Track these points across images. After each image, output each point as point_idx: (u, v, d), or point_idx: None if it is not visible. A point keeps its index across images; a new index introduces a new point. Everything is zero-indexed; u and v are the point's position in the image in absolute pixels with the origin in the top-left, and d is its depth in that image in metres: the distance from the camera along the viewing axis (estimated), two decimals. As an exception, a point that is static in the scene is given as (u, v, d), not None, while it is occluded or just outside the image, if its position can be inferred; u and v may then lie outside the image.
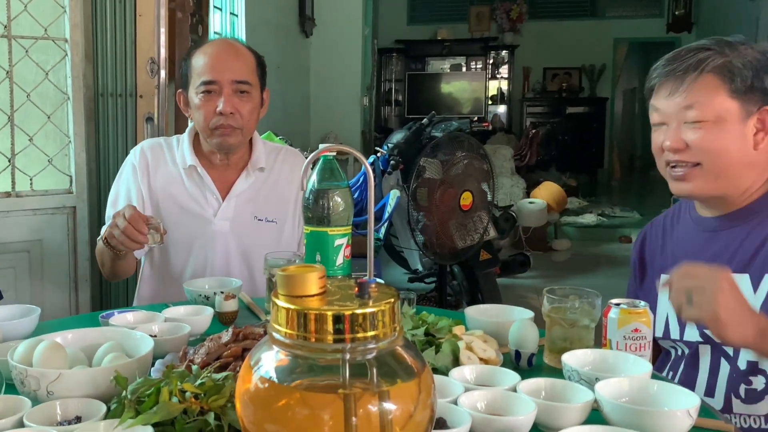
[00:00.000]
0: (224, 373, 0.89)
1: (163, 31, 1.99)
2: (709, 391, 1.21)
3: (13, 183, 1.93)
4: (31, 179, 1.97)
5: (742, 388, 1.17)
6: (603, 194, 9.06)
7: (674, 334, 1.28)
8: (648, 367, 0.96)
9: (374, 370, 0.67)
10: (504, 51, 10.15)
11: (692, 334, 1.24)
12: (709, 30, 9.39)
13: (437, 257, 3.53)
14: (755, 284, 1.16)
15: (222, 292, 1.39)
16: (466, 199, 3.56)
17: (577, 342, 1.06)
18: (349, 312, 0.66)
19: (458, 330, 1.10)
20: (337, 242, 1.24)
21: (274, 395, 0.68)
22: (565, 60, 10.20)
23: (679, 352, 1.30)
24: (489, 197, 3.51)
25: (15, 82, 1.89)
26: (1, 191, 1.90)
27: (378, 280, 0.75)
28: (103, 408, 0.85)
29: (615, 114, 10.96)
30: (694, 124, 1.18)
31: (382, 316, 0.67)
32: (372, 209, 0.76)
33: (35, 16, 1.90)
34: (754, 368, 1.16)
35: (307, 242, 1.26)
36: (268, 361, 0.69)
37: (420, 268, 4.45)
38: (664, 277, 1.31)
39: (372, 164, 4.46)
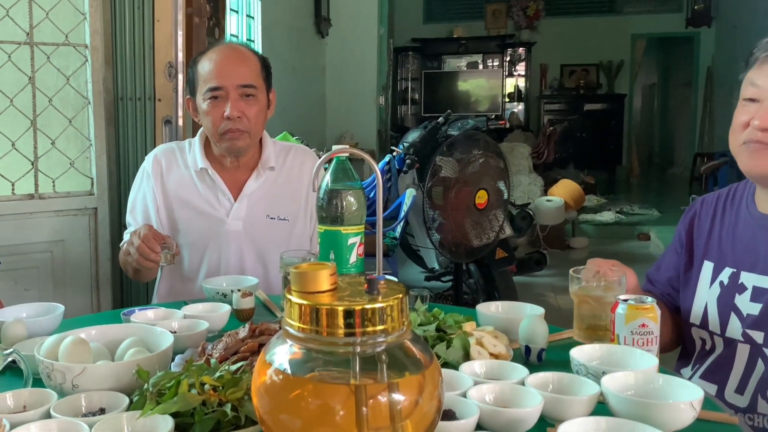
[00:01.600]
0: (238, 364, 0.92)
1: (180, 35, 2.04)
2: (740, 389, 1.21)
3: (36, 185, 1.99)
4: (53, 181, 2.02)
5: None
6: (621, 191, 9.01)
7: (713, 326, 1.26)
8: (654, 361, 0.98)
9: (384, 363, 0.70)
10: (521, 48, 10.11)
11: (735, 332, 1.23)
12: (729, 24, 9.29)
13: (453, 256, 3.54)
14: None
15: (239, 290, 1.42)
16: (482, 197, 3.56)
17: (602, 317, 1.10)
18: (359, 307, 0.69)
19: (469, 326, 1.13)
20: (351, 241, 1.27)
21: (288, 387, 0.72)
22: (583, 56, 10.14)
23: (708, 346, 1.29)
24: (505, 196, 3.52)
25: (37, 87, 1.95)
26: (25, 193, 1.96)
27: (387, 276, 0.78)
28: (126, 400, 0.88)
29: (633, 110, 10.89)
30: None
31: (390, 311, 0.70)
32: (381, 209, 0.78)
33: (56, 23, 1.95)
34: None
35: (321, 241, 1.29)
36: (282, 355, 0.72)
37: (437, 266, 4.47)
38: (707, 263, 1.30)
39: (388, 163, 4.48)
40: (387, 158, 4.50)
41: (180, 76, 2.09)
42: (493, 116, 9.70)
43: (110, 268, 2.10)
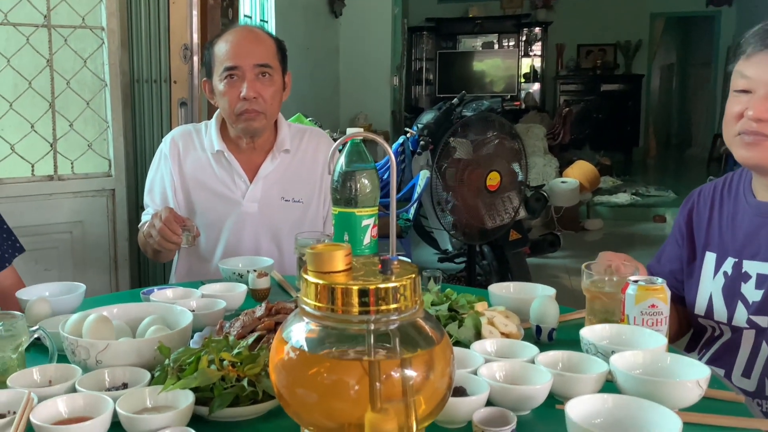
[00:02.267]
0: (255, 336, 0.95)
1: (195, 17, 2.05)
2: (746, 373, 1.23)
3: (56, 167, 2.02)
4: (72, 163, 2.06)
5: None
6: (638, 173, 8.95)
7: (719, 316, 1.28)
8: (663, 340, 0.99)
9: (396, 340, 0.72)
10: (537, 28, 10.02)
11: (741, 319, 1.24)
12: (751, 3, 9.14)
13: (466, 237, 3.56)
14: None
15: (255, 271, 1.45)
16: (493, 179, 3.54)
17: (615, 313, 1.11)
18: (374, 286, 0.71)
19: (480, 306, 1.15)
20: (365, 222, 1.29)
21: (305, 363, 0.74)
22: (600, 36, 10.04)
23: (717, 332, 1.30)
24: (520, 177, 3.51)
25: (55, 70, 1.97)
26: (44, 174, 2.00)
27: (401, 257, 0.80)
28: (148, 375, 0.91)
29: (651, 91, 10.77)
30: None
31: (404, 290, 0.72)
32: (394, 191, 0.80)
33: (73, 5, 1.97)
34: None
35: (336, 223, 1.31)
36: (299, 332, 0.75)
37: (450, 248, 4.48)
38: (709, 254, 1.31)
39: (402, 144, 4.49)
40: (401, 140, 4.50)
41: (195, 58, 2.11)
42: (509, 97, 9.65)
43: (128, 248, 2.14)
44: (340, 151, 1.34)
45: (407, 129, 4.37)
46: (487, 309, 1.15)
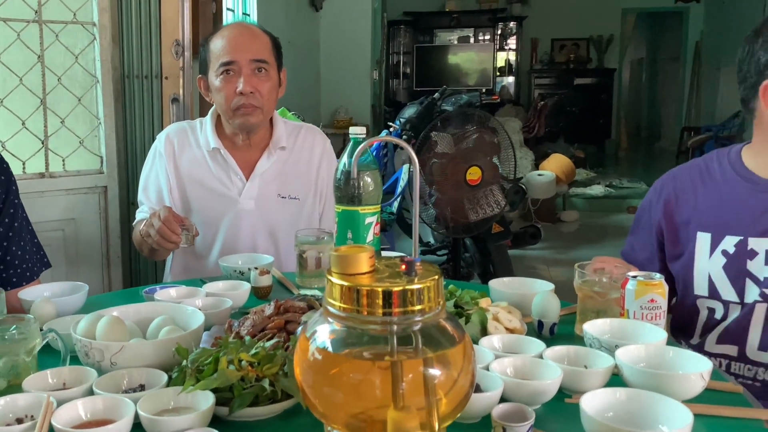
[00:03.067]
0: (273, 341, 0.96)
1: (187, 13, 2.04)
2: (762, 346, 1.27)
3: (47, 164, 2.00)
4: (63, 160, 2.04)
5: None
6: (610, 165, 9.10)
7: (727, 295, 1.31)
8: (663, 334, 1.03)
9: (420, 340, 0.74)
10: (512, 22, 10.10)
11: (752, 295, 1.28)
12: (718, 0, 9.31)
13: (448, 231, 3.59)
14: None
15: (256, 268, 1.46)
16: (474, 174, 3.57)
17: (607, 312, 1.14)
18: (399, 288, 0.73)
19: (484, 302, 1.17)
20: (368, 220, 1.31)
21: (330, 363, 0.76)
22: (573, 31, 10.15)
23: (719, 315, 1.33)
24: (502, 171, 3.55)
25: (46, 66, 1.95)
26: (36, 172, 1.98)
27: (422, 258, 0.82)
28: (164, 377, 0.92)
29: (622, 85, 10.93)
30: None
31: (427, 291, 0.74)
32: (417, 198, 0.82)
33: (64, 1, 1.95)
34: None
35: (339, 220, 1.33)
36: (323, 333, 0.77)
37: (432, 240, 4.52)
38: (701, 234, 1.33)
39: (384, 139, 4.50)
40: (383, 134, 4.53)
41: (186, 54, 2.10)
42: (484, 90, 9.71)
43: (120, 245, 2.13)
44: (342, 149, 1.36)
45: (390, 123, 4.39)
46: (491, 305, 1.18)
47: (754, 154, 1.34)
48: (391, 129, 4.43)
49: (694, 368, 0.90)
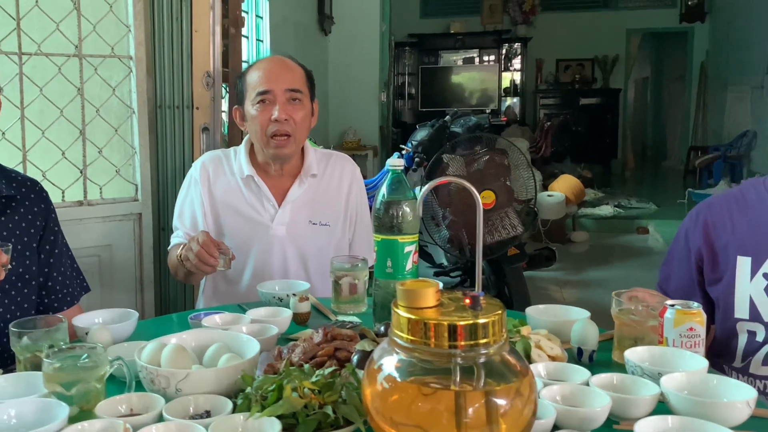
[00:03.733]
0: (331, 368, 1.00)
1: (218, 46, 2.11)
2: None
3: (85, 192, 2.06)
4: (100, 188, 2.09)
5: None
6: (617, 185, 9.13)
7: None
8: (704, 362, 1.07)
9: (482, 373, 0.79)
10: (517, 43, 10.21)
11: None
12: (723, 19, 9.41)
13: (462, 254, 3.63)
14: None
15: (295, 294, 1.51)
16: (487, 197, 3.59)
17: (644, 340, 1.18)
18: (465, 322, 0.77)
19: (525, 330, 1.21)
20: (407, 249, 1.36)
21: (397, 391, 0.80)
22: (578, 51, 10.25)
23: (761, 337, 1.36)
24: (516, 194, 3.59)
25: (85, 98, 2.01)
26: (74, 200, 2.03)
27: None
28: (229, 403, 0.96)
29: (628, 104, 11.01)
30: None
31: (492, 326, 0.78)
32: (480, 226, 0.86)
33: (102, 35, 2.02)
34: None
35: (378, 249, 1.37)
36: (391, 363, 0.81)
37: (445, 262, 4.56)
38: (742, 258, 1.37)
39: (396, 161, 4.56)
40: (395, 156, 4.59)
41: (216, 85, 2.16)
42: (489, 111, 9.81)
43: (153, 270, 2.18)
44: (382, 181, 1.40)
45: (402, 146, 4.45)
46: (532, 332, 1.22)
47: None
48: (404, 152, 4.50)
49: (740, 396, 0.94)
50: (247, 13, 4.35)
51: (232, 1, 2.35)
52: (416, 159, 4.36)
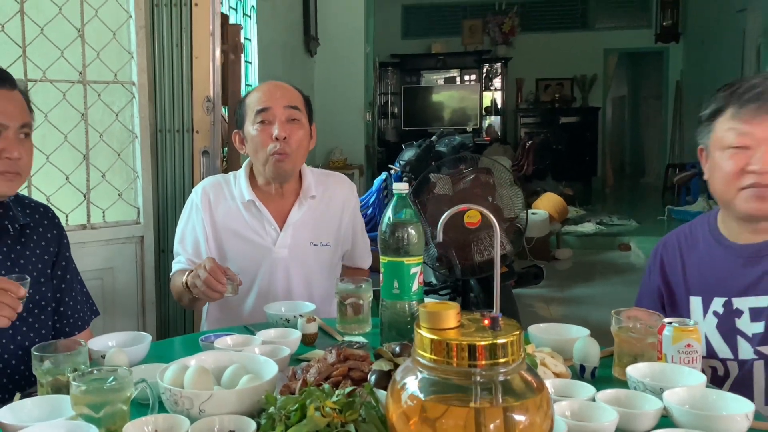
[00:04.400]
0: (349, 388, 1.04)
1: (217, 71, 2.16)
2: None
3: (89, 216, 2.08)
4: (103, 212, 2.12)
5: None
6: (598, 202, 9.27)
7: (723, 353, 1.40)
8: (703, 378, 1.12)
9: (501, 390, 0.83)
10: (497, 63, 10.37)
11: (746, 352, 1.38)
12: (697, 40, 9.67)
13: (451, 272, 3.67)
14: None
15: (302, 316, 1.54)
16: (473, 217, 3.62)
17: (643, 356, 1.23)
18: (485, 342, 0.82)
19: (530, 348, 1.26)
20: (413, 270, 1.40)
21: (421, 409, 0.84)
22: (557, 71, 10.44)
23: (722, 371, 1.42)
24: (504, 212, 3.65)
25: (89, 123, 2.05)
26: (78, 224, 2.06)
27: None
28: (252, 423, 0.99)
29: (606, 122, 11.21)
30: None
31: (510, 345, 0.83)
32: (498, 254, 0.91)
33: (106, 62, 2.05)
34: None
35: (384, 271, 1.41)
36: (414, 382, 0.85)
37: (434, 280, 4.61)
38: (693, 298, 1.44)
39: (384, 180, 4.63)
40: (383, 176, 4.65)
41: (216, 110, 2.21)
42: (471, 129, 9.94)
43: (154, 292, 2.20)
44: (387, 203, 1.45)
45: (390, 166, 4.52)
46: (536, 350, 1.27)
47: (722, 218, 1.45)
48: (392, 171, 4.56)
49: (739, 409, 0.99)
50: (236, 35, 4.40)
51: (231, 28, 2.40)
52: (404, 178, 4.42)
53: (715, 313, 1.41)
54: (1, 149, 1.29)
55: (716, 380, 1.43)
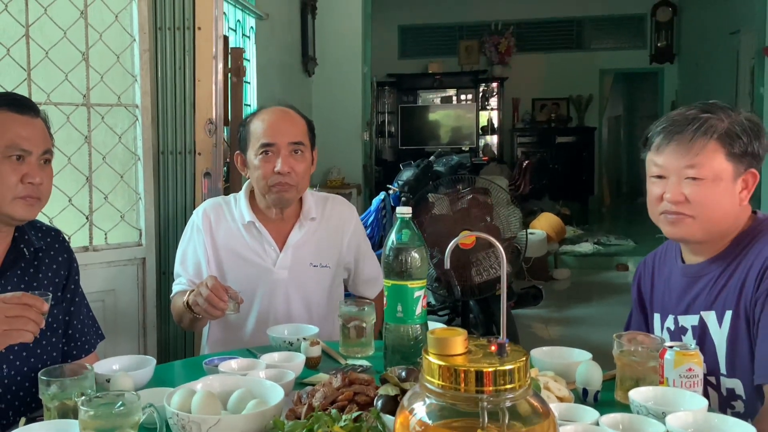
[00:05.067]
0: (356, 413, 1.05)
1: (219, 94, 2.18)
2: None
3: (91, 238, 2.09)
4: (105, 234, 2.13)
5: (729, 412, 1.35)
6: (595, 221, 9.30)
7: None
8: (704, 402, 1.13)
9: (507, 416, 0.84)
10: (494, 83, 10.45)
11: None
12: (691, 61, 9.76)
13: (450, 294, 3.67)
14: (719, 319, 1.38)
15: (305, 339, 1.55)
16: (467, 238, 3.63)
17: (645, 380, 1.24)
18: (492, 369, 0.83)
19: (534, 372, 1.27)
20: (416, 294, 1.41)
21: (429, 435, 0.85)
22: (553, 91, 10.51)
23: None
24: (503, 232, 3.67)
25: (92, 146, 2.06)
26: (80, 246, 2.07)
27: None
28: (259, 448, 1.00)
29: (602, 142, 11.28)
30: (694, 180, 1.37)
31: (517, 372, 0.84)
32: (505, 282, 0.93)
33: (109, 85, 2.08)
34: (732, 394, 1.37)
35: (388, 294, 1.43)
36: (422, 408, 0.86)
37: (432, 301, 4.61)
38: (656, 315, 1.52)
39: (383, 200, 4.65)
40: (382, 195, 4.67)
41: (218, 132, 2.23)
42: (468, 149, 9.99)
43: (155, 314, 2.20)
44: (392, 227, 1.47)
45: (389, 186, 4.54)
46: (539, 374, 1.27)
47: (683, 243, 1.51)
48: (390, 191, 4.58)
49: (740, 433, 1.00)
50: (235, 56, 4.43)
51: (234, 52, 2.43)
52: (403, 198, 4.43)
53: (668, 330, 1.49)
54: (24, 174, 1.32)
55: None
